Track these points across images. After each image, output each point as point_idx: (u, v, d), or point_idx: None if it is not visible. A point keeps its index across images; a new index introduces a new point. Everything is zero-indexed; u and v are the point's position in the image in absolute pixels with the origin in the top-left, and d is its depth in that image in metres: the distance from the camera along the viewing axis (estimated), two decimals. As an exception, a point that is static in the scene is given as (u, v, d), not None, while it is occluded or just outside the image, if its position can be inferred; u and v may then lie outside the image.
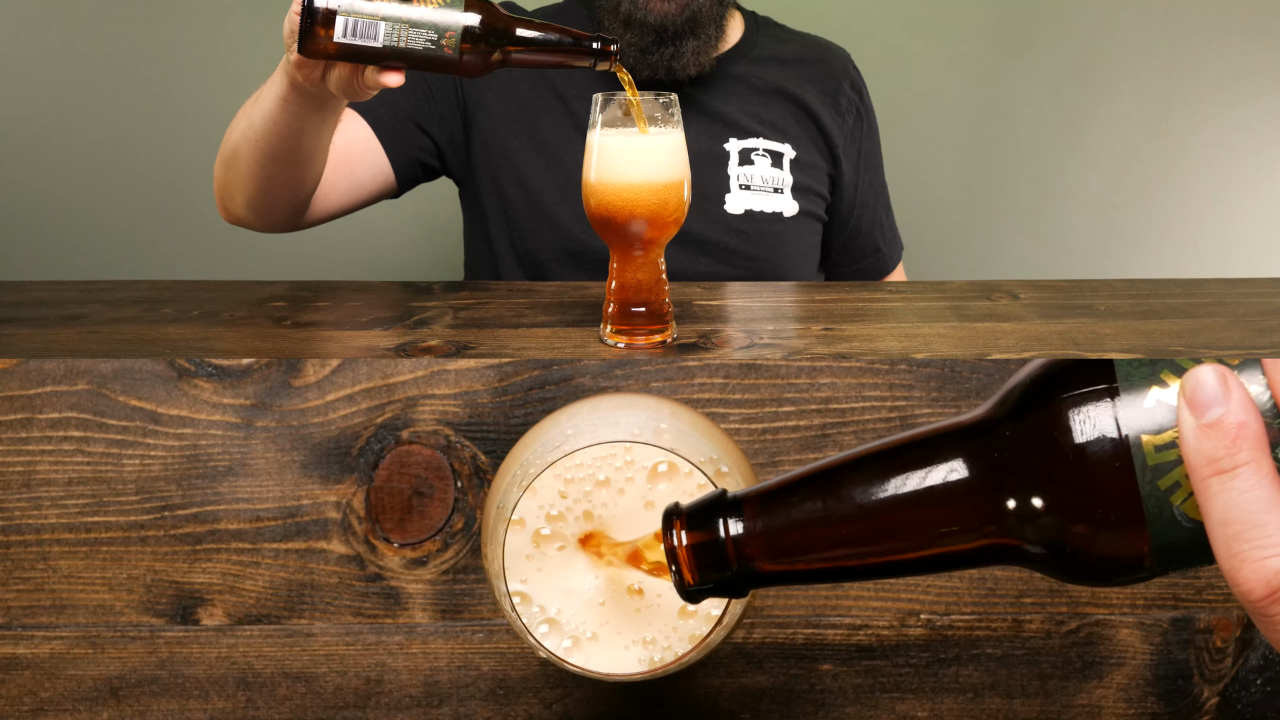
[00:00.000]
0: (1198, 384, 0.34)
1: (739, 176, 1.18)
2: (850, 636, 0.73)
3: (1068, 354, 0.72)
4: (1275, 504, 0.33)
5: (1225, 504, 0.33)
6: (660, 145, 0.74)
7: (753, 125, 1.19)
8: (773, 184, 1.19)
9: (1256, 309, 0.85)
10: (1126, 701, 0.74)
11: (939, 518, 0.38)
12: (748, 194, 1.18)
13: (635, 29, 1.12)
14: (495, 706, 0.73)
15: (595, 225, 0.76)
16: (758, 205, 1.18)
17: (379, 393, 0.70)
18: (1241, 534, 0.33)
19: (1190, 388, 0.34)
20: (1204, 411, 0.34)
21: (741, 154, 1.19)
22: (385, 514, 0.71)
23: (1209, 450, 0.33)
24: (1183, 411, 0.34)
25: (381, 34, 0.74)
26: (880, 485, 0.38)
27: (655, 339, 0.75)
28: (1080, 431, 0.36)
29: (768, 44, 1.25)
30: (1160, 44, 1.78)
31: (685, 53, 1.13)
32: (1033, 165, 1.82)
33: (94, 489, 0.72)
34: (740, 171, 1.18)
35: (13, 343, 0.76)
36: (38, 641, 0.74)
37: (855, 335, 0.77)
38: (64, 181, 1.77)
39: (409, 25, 0.74)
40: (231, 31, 1.73)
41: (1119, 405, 0.36)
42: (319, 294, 0.91)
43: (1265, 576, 0.32)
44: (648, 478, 0.53)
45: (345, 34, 0.74)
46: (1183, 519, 0.35)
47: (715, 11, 1.15)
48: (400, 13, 0.73)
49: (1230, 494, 0.33)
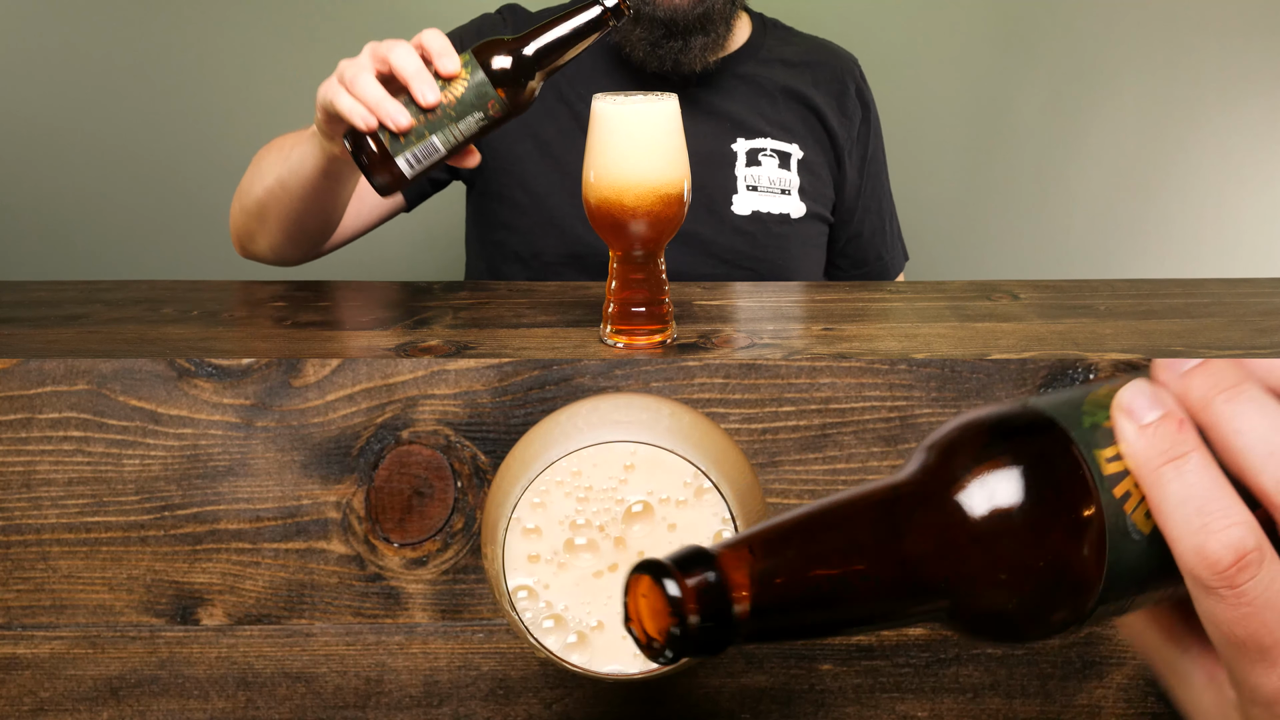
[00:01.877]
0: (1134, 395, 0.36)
1: (746, 178, 1.18)
2: (850, 636, 0.73)
3: (1067, 354, 0.72)
4: (1226, 483, 0.35)
5: (1182, 485, 0.35)
6: (660, 145, 0.74)
7: (760, 125, 1.19)
8: (780, 185, 1.18)
9: (1256, 309, 0.85)
10: (1126, 701, 0.74)
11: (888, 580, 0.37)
12: (755, 195, 1.18)
13: (644, 23, 1.13)
14: (495, 706, 0.73)
15: (595, 225, 0.76)
16: (765, 207, 1.18)
17: (379, 393, 0.70)
18: (1204, 508, 0.34)
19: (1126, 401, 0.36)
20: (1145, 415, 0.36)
21: (749, 155, 1.19)
22: (385, 514, 0.71)
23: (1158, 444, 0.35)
24: (1124, 423, 0.36)
25: (440, 144, 0.76)
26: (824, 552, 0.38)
27: (655, 339, 0.75)
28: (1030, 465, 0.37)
29: (775, 45, 1.25)
30: (1160, 44, 1.78)
31: (693, 47, 1.14)
32: (1033, 165, 1.82)
33: (94, 489, 0.72)
34: (747, 173, 1.18)
35: (13, 343, 0.76)
36: (38, 641, 0.74)
37: (855, 335, 0.77)
38: (64, 181, 1.77)
39: (455, 120, 0.75)
40: (232, 31, 1.73)
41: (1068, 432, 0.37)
42: (319, 294, 0.91)
43: (1232, 543, 0.34)
44: (647, 478, 0.53)
45: (411, 166, 0.76)
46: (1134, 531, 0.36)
47: (726, 10, 1.15)
48: (443, 118, 0.75)
49: (1186, 475, 0.35)
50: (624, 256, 0.76)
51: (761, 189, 1.18)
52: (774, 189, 1.18)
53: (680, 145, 0.75)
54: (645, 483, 0.53)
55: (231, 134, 1.76)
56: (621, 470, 0.53)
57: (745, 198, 1.17)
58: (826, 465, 0.71)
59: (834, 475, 0.71)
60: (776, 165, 1.19)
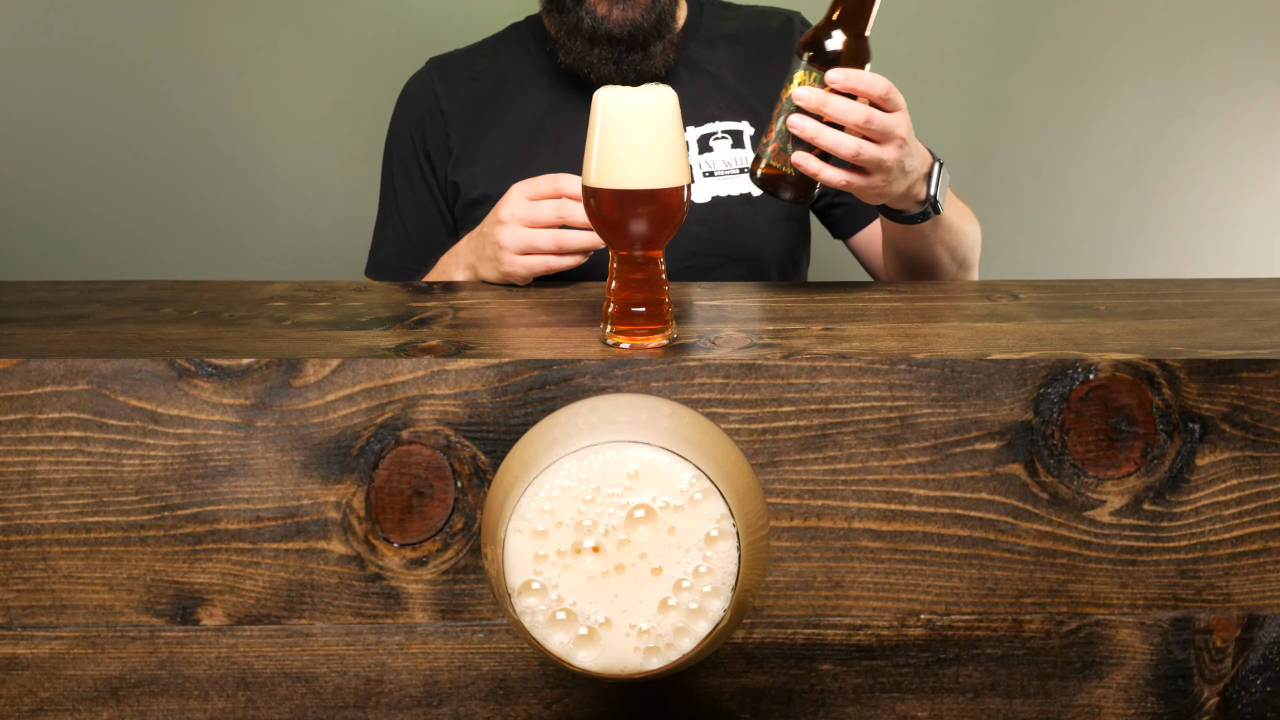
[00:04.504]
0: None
1: (701, 165, 1.17)
2: (850, 636, 0.73)
3: (1067, 354, 0.72)
4: None
5: None
6: (661, 146, 0.74)
7: (708, 109, 1.18)
8: (737, 165, 1.17)
9: (1256, 309, 0.85)
10: (1126, 701, 0.74)
11: None
12: (712, 181, 1.16)
13: (602, 42, 1.12)
14: (495, 706, 0.73)
15: (596, 226, 0.76)
16: (724, 190, 1.16)
17: (379, 393, 0.70)
18: None
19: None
20: None
21: (700, 142, 1.18)
22: (385, 514, 0.71)
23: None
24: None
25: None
26: None
27: (655, 339, 0.75)
28: None
29: (713, 24, 1.24)
30: (1160, 44, 1.78)
31: (654, 54, 1.13)
32: (1033, 165, 1.82)
33: (94, 489, 0.72)
34: (701, 160, 1.17)
35: (13, 343, 0.76)
36: (38, 641, 0.74)
37: (855, 335, 0.77)
38: (64, 181, 1.77)
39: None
40: (231, 31, 1.73)
41: None
42: (319, 294, 0.91)
43: None
44: (647, 479, 0.53)
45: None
46: None
47: (671, 4, 1.15)
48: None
49: None
50: (624, 257, 0.76)
51: (718, 173, 1.17)
52: (731, 170, 1.17)
53: (681, 145, 0.75)
54: (645, 484, 0.53)
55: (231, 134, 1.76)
56: (621, 471, 0.53)
57: (703, 185, 1.16)
58: (826, 465, 0.71)
59: (834, 475, 0.71)
60: (730, 146, 1.18)
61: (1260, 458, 0.72)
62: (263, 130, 1.76)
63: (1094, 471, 0.72)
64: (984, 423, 0.71)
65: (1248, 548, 0.73)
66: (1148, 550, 0.72)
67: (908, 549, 0.72)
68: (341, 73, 1.73)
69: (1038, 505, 0.72)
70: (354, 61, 1.70)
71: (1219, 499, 0.72)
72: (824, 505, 0.71)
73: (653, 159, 0.74)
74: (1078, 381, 0.71)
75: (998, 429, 0.71)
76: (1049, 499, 0.72)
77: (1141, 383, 0.71)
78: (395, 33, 1.69)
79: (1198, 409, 0.71)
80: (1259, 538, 0.73)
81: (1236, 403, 0.71)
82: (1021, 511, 0.72)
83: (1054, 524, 0.72)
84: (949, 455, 0.71)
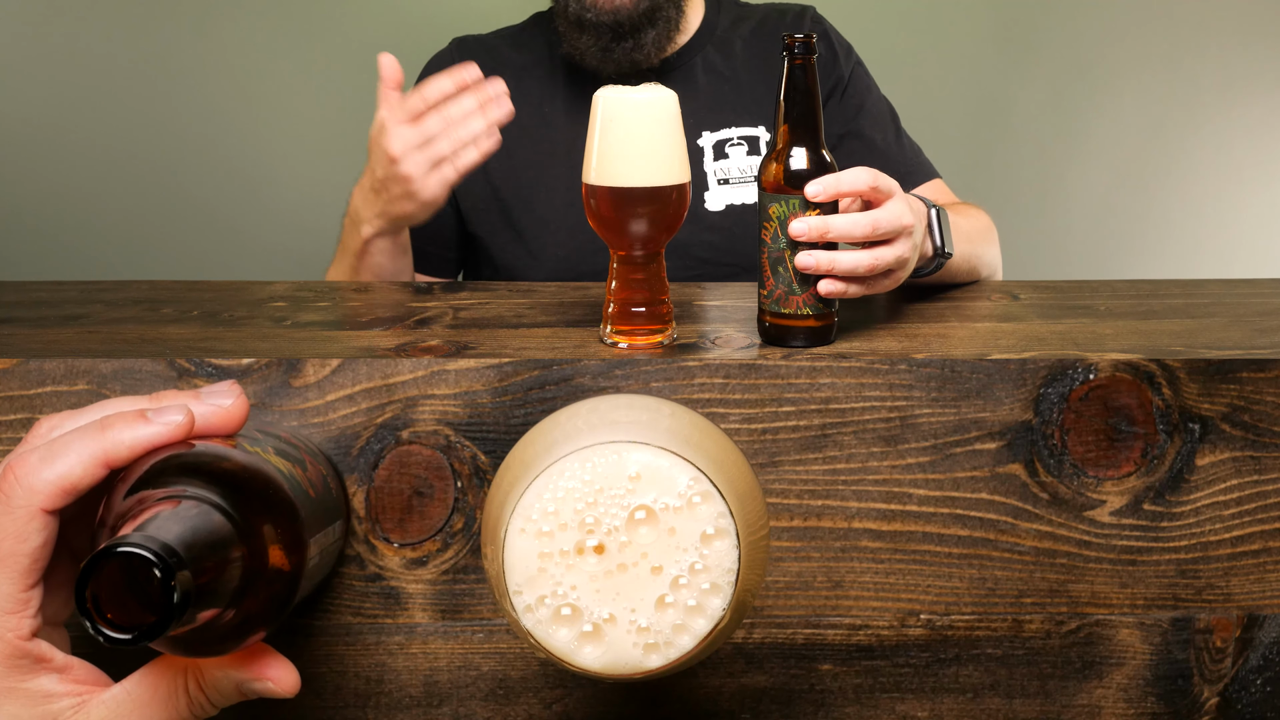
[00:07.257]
0: None
1: (716, 171, 1.16)
2: (850, 636, 0.73)
3: (1067, 354, 0.72)
4: None
5: None
6: (660, 145, 0.74)
7: (724, 114, 1.17)
8: (751, 172, 1.16)
9: (1256, 309, 0.85)
10: (1126, 701, 0.74)
11: None
12: (727, 189, 1.15)
13: (589, 30, 1.11)
14: (495, 706, 0.73)
15: (596, 225, 0.76)
16: (738, 198, 1.15)
17: (379, 393, 0.70)
18: None
19: None
20: None
21: (715, 148, 1.17)
22: (385, 514, 0.71)
23: None
24: None
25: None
26: None
27: (655, 339, 0.75)
28: None
29: (729, 23, 1.23)
30: (1160, 44, 1.78)
31: (646, 44, 1.12)
32: (1033, 165, 1.82)
33: (94, 489, 0.71)
34: (717, 166, 1.16)
35: (13, 343, 0.75)
36: (38, 641, 0.73)
37: (855, 335, 0.77)
38: (64, 181, 1.77)
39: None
40: (232, 32, 1.73)
41: None
42: (319, 294, 0.91)
43: None
44: (647, 479, 0.53)
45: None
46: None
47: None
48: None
49: None
50: (624, 257, 0.76)
51: (733, 181, 1.16)
52: (745, 178, 1.16)
53: (681, 144, 0.75)
54: (646, 485, 0.53)
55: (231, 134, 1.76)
56: (622, 471, 0.53)
57: (717, 193, 1.15)
58: (826, 465, 0.71)
59: (834, 475, 0.71)
60: (745, 153, 1.17)
61: (1260, 458, 0.72)
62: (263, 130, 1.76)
63: (1094, 471, 0.72)
64: (984, 423, 0.71)
65: (1248, 548, 0.73)
66: (1148, 550, 0.72)
67: (908, 549, 0.72)
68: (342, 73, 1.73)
69: (1038, 505, 0.72)
70: (354, 62, 1.70)
71: (1219, 499, 0.72)
72: (824, 505, 0.71)
73: (652, 158, 0.74)
74: (1078, 381, 0.71)
75: (998, 429, 0.71)
76: (1049, 499, 0.72)
77: (1141, 383, 0.71)
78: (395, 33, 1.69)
79: (1198, 409, 0.71)
80: (1259, 538, 0.73)
81: (1236, 403, 0.71)
82: (1021, 511, 0.72)
83: (1054, 524, 0.72)
84: (949, 455, 0.71)
